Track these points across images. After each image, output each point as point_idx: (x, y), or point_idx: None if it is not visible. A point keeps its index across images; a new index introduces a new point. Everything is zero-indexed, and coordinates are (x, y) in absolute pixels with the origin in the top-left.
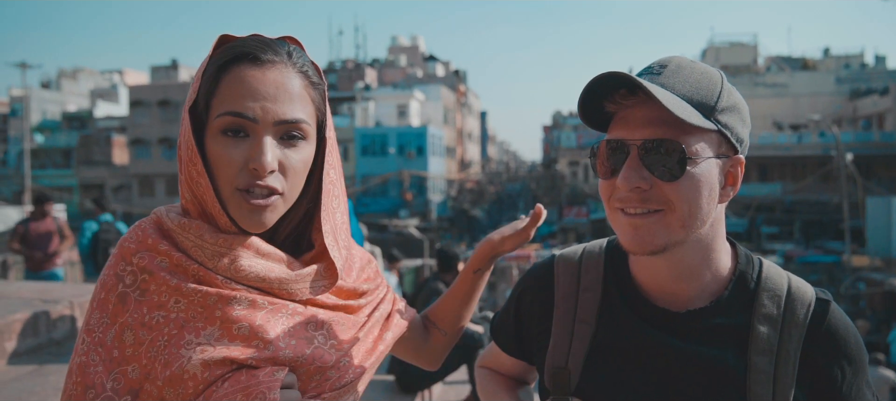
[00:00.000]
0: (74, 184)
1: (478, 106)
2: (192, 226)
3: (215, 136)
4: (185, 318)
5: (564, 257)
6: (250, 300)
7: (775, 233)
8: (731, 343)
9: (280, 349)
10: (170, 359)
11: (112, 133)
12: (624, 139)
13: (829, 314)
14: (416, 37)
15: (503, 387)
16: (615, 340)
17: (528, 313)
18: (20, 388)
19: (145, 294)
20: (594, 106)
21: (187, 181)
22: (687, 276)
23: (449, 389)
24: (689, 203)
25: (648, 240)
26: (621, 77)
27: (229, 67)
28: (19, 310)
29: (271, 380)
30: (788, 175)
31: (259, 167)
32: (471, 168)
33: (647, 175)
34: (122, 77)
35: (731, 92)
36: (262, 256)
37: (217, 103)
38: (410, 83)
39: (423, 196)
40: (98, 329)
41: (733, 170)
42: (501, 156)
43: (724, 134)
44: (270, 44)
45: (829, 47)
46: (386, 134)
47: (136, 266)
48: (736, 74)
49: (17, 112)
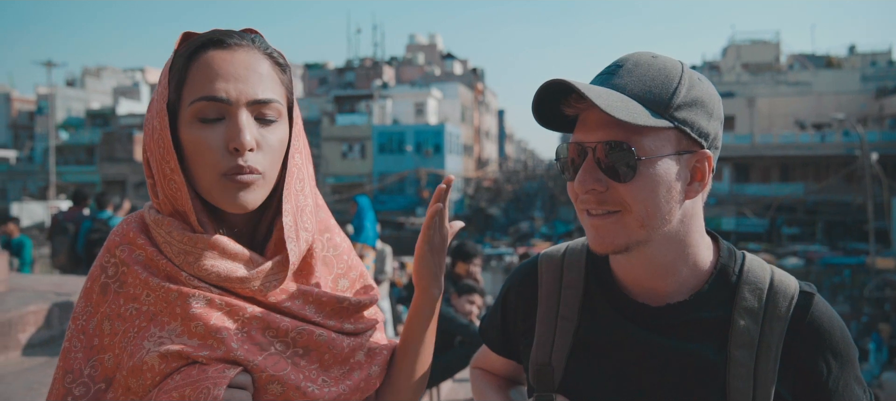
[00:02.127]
0: (97, 180)
1: (495, 104)
2: (164, 223)
3: (190, 124)
4: (154, 311)
5: (548, 255)
6: (208, 300)
7: (796, 234)
8: (711, 337)
9: (232, 350)
10: (134, 350)
11: (134, 130)
12: (581, 142)
13: (813, 307)
14: (434, 35)
15: (494, 386)
16: (597, 336)
17: (513, 311)
18: (32, 379)
19: (123, 286)
20: (554, 109)
21: (159, 181)
22: (662, 271)
23: (458, 386)
24: (644, 203)
25: (609, 240)
26: (566, 85)
27: (197, 55)
28: (33, 302)
29: (219, 376)
30: (811, 175)
31: (239, 146)
32: (488, 166)
33: (603, 177)
34: (143, 75)
35: (692, 86)
36: (227, 256)
37: (188, 92)
38: (428, 81)
39: None
40: (82, 317)
41: (700, 165)
42: (519, 154)
43: (683, 130)
44: (235, 32)
45: (854, 45)
46: (403, 132)
47: (118, 258)
48: (757, 73)
49: (44, 110)
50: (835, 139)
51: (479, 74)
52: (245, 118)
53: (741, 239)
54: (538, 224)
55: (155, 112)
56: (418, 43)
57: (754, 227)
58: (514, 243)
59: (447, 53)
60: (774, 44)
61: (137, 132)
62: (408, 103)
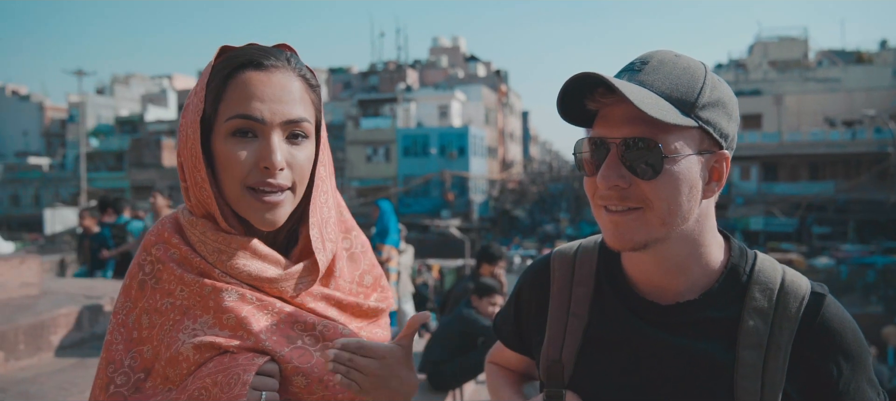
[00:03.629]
0: (126, 185)
1: (519, 106)
2: (198, 223)
3: (224, 138)
4: (187, 305)
5: (561, 253)
6: (240, 294)
7: (827, 233)
8: (720, 336)
9: (261, 341)
10: (170, 342)
11: (162, 136)
12: (604, 137)
13: (824, 308)
14: (458, 37)
15: (508, 381)
16: (606, 333)
17: (526, 308)
18: (63, 379)
19: (159, 282)
20: (576, 104)
21: (191, 186)
22: (674, 270)
23: (481, 388)
24: (667, 201)
25: (628, 237)
26: (597, 78)
27: (235, 74)
28: (65, 305)
29: (249, 363)
30: (841, 173)
31: (270, 165)
32: (512, 168)
33: (626, 173)
34: (170, 82)
35: (715, 87)
36: (259, 257)
37: (225, 108)
38: (452, 84)
39: (464, 196)
40: (122, 312)
41: (718, 166)
42: (543, 156)
43: (706, 130)
44: (271, 50)
45: (886, 39)
46: (427, 134)
47: (154, 257)
48: (785, 70)
49: (75, 117)
50: (866, 136)
51: (502, 76)
52: (277, 139)
53: (770, 239)
54: (563, 225)
55: (189, 122)
56: (441, 46)
57: (783, 226)
58: (539, 246)
59: (470, 56)
60: (802, 40)
61: (165, 138)
62: (432, 106)
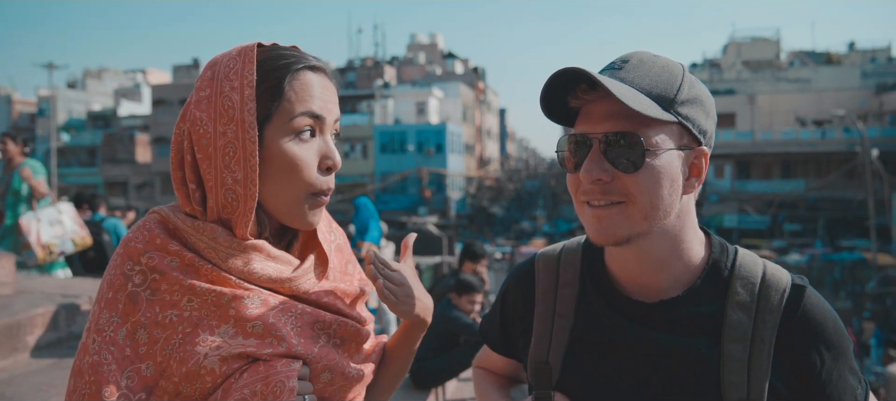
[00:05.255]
0: (99, 181)
1: (497, 103)
2: (206, 228)
3: (286, 138)
4: (198, 316)
5: (545, 255)
6: (262, 299)
7: (798, 230)
8: (704, 332)
9: (293, 346)
10: (185, 356)
11: (135, 131)
12: (586, 133)
13: (805, 299)
14: (435, 34)
15: (495, 385)
16: (592, 333)
17: (512, 311)
18: (41, 380)
19: (156, 293)
20: (558, 102)
21: (214, 188)
22: (657, 266)
23: (463, 385)
24: (649, 194)
25: (611, 231)
26: (580, 73)
27: (296, 74)
28: (41, 305)
29: (289, 370)
30: (812, 171)
31: (334, 164)
32: (490, 165)
33: (609, 167)
34: (144, 76)
35: (692, 84)
36: (272, 259)
37: (288, 107)
38: (429, 81)
39: (441, 193)
40: (109, 328)
41: (697, 161)
42: (520, 153)
43: (686, 126)
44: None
45: (854, 41)
46: (405, 131)
47: (145, 266)
48: (758, 70)
49: (45, 112)
50: (835, 136)
51: (480, 73)
52: (330, 139)
53: (744, 236)
54: (540, 223)
55: (227, 119)
56: (419, 42)
57: (756, 224)
58: (515, 243)
59: (448, 53)
60: (775, 41)
61: (139, 134)
62: (409, 103)
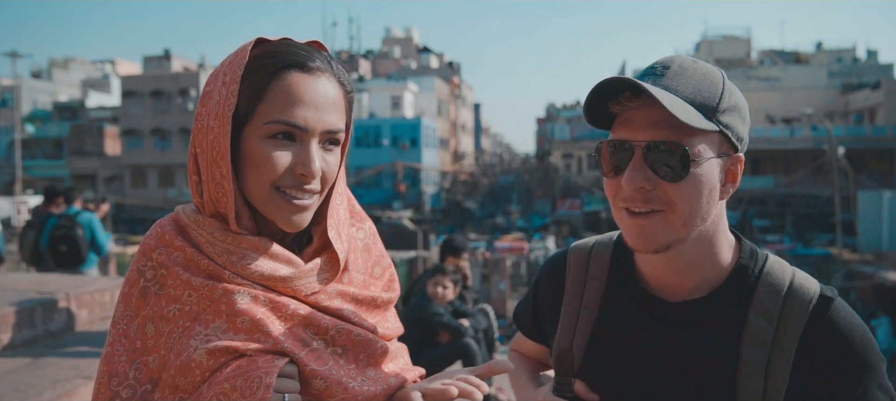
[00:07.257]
0: (66, 174)
1: (472, 98)
2: (205, 223)
3: (260, 139)
4: (197, 310)
5: (577, 248)
6: (253, 296)
7: (767, 226)
8: (725, 335)
9: (279, 343)
10: (180, 349)
11: (104, 123)
12: (628, 140)
13: (831, 310)
14: (411, 28)
15: (525, 368)
16: (615, 326)
17: (543, 299)
18: (18, 381)
19: (163, 288)
20: (597, 106)
21: (207, 182)
22: (686, 268)
23: None
24: (690, 203)
25: (653, 239)
26: (626, 81)
27: (279, 73)
28: (14, 301)
29: (269, 366)
30: (781, 169)
31: (308, 174)
32: (464, 160)
33: (651, 176)
34: (114, 67)
35: (732, 92)
36: (270, 256)
37: (265, 109)
38: (404, 75)
39: (416, 188)
40: (122, 322)
41: (733, 168)
42: (495, 148)
43: (726, 134)
44: (315, 52)
45: (821, 41)
46: (380, 125)
47: (155, 262)
48: (729, 68)
49: (8, 102)
50: (804, 134)
51: (455, 68)
52: (315, 147)
53: None
54: (514, 217)
55: (214, 115)
56: (394, 36)
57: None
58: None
59: (423, 47)
60: (746, 40)
61: (108, 126)
62: (384, 97)
